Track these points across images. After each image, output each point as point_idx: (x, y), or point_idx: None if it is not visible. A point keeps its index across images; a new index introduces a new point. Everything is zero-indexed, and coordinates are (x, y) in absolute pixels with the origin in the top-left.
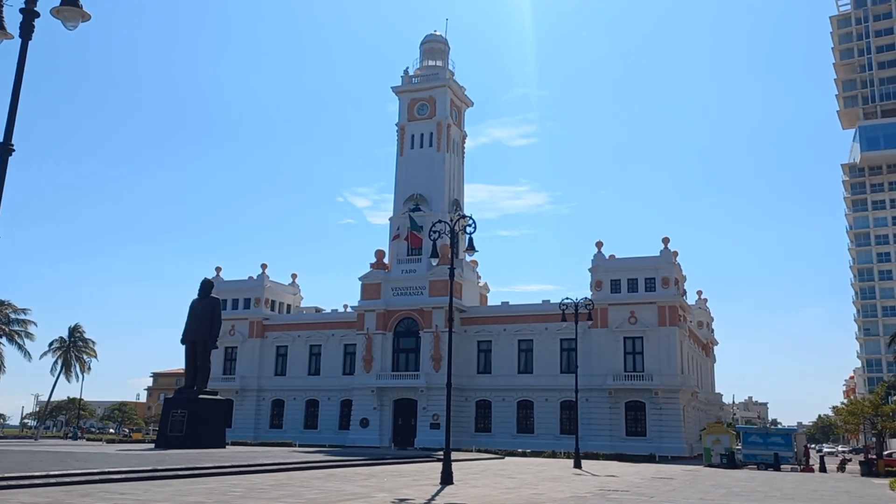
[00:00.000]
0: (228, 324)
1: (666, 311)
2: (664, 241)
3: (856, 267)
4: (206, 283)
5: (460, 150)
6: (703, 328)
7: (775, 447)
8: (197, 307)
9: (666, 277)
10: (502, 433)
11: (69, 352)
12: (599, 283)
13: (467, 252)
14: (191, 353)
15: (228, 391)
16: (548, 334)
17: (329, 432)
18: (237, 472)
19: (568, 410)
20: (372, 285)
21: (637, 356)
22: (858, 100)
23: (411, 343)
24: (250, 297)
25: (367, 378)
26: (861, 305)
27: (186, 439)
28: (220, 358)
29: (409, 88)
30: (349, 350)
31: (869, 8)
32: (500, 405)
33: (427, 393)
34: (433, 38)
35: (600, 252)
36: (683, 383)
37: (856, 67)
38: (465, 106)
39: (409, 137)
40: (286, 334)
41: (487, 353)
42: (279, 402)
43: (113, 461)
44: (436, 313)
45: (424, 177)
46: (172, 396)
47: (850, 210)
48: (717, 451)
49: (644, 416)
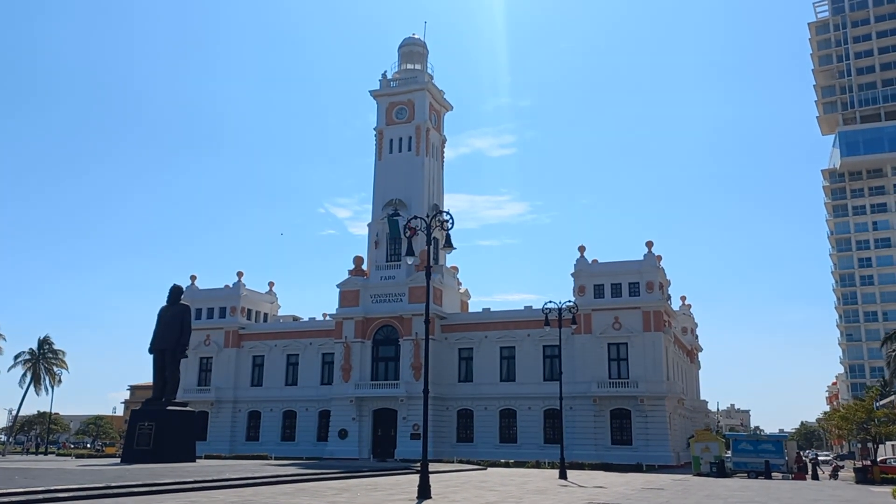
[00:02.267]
0: (203, 333)
1: (651, 317)
2: (648, 245)
3: (837, 272)
4: (175, 290)
5: (440, 155)
6: (688, 334)
7: (766, 455)
8: (165, 314)
9: (650, 282)
10: (485, 443)
11: (38, 364)
12: (582, 287)
13: (444, 250)
14: (159, 362)
15: (203, 402)
16: (530, 341)
17: (307, 444)
18: (199, 488)
19: (552, 419)
20: (350, 292)
21: (622, 362)
22: (838, 105)
23: (391, 351)
24: (226, 305)
25: (345, 388)
26: (843, 311)
27: (154, 453)
28: (194, 368)
29: (388, 92)
30: (327, 359)
31: (847, 14)
32: (482, 414)
33: (407, 402)
34: (412, 41)
35: (583, 256)
36: (669, 390)
37: (835, 73)
38: (444, 110)
39: (387, 142)
40: (263, 343)
41: (469, 361)
42: (255, 413)
43: (66, 478)
44: (416, 320)
45: (403, 181)
46: (139, 408)
47: (831, 215)
48: (707, 460)
49: (630, 424)
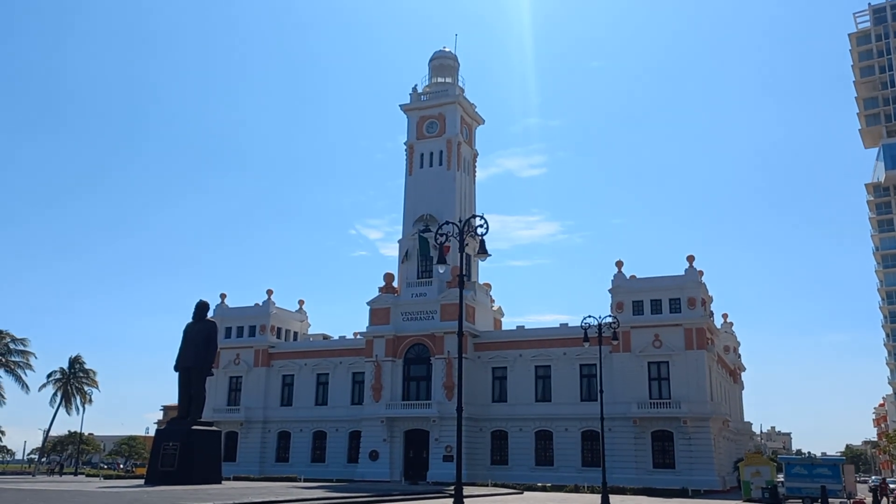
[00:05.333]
0: (233, 352)
1: (693, 334)
2: (689, 260)
3: (884, 289)
4: (200, 306)
5: (471, 169)
6: (730, 353)
7: (822, 479)
8: (191, 331)
9: (692, 297)
10: (520, 465)
11: (69, 383)
12: (620, 304)
13: (479, 256)
14: (184, 380)
15: (233, 423)
16: (566, 360)
17: (337, 466)
18: None
19: (590, 441)
20: (381, 310)
21: (663, 382)
22: (881, 117)
23: (422, 370)
24: (255, 324)
25: (376, 408)
26: (891, 329)
27: (178, 474)
28: (224, 388)
29: (418, 106)
30: (357, 378)
31: (889, 24)
32: (517, 435)
33: (440, 423)
34: (442, 54)
35: (620, 272)
36: (714, 411)
37: (877, 84)
38: (475, 124)
39: (417, 156)
40: (292, 363)
41: (503, 381)
42: (285, 433)
43: (79, 500)
44: (448, 338)
45: (435, 196)
46: (164, 428)
47: (876, 230)
48: (758, 485)
49: (672, 446)
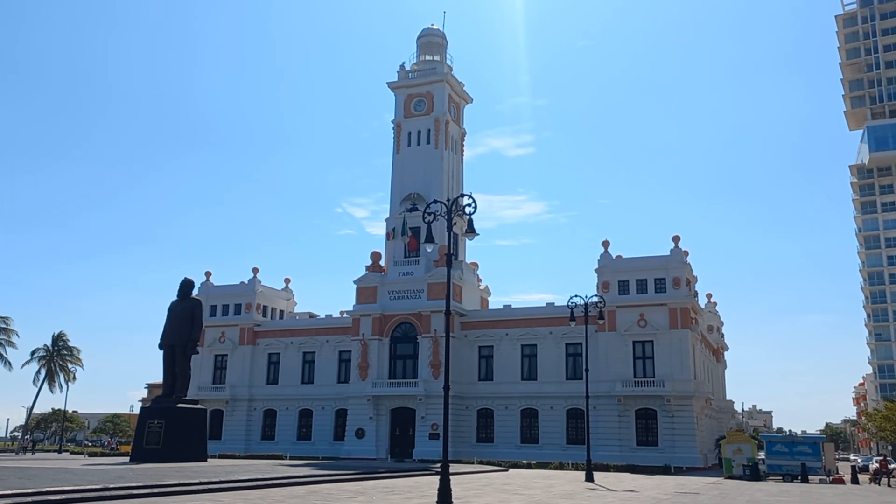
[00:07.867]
0: (218, 330)
1: (677, 314)
2: (674, 240)
3: (865, 270)
4: (185, 283)
5: (459, 148)
6: (714, 332)
7: (802, 457)
8: (176, 309)
9: (677, 277)
10: (505, 443)
11: (53, 361)
12: (606, 284)
13: (466, 236)
14: (169, 358)
15: (218, 401)
16: (552, 339)
17: (323, 444)
18: (205, 490)
19: (574, 419)
20: (367, 289)
21: (647, 361)
22: (866, 100)
23: (409, 349)
24: (241, 302)
25: (362, 386)
26: (872, 310)
27: (163, 452)
28: (209, 366)
29: (406, 84)
30: (344, 357)
31: (875, 6)
32: (502, 414)
33: (426, 401)
34: (430, 31)
35: (607, 252)
36: (697, 390)
37: (862, 67)
38: (463, 102)
39: (405, 135)
40: (278, 341)
41: (489, 359)
42: (271, 412)
43: (64, 478)
44: (434, 317)
45: (422, 175)
46: (149, 406)
47: (859, 212)
48: (739, 462)
49: (656, 424)
